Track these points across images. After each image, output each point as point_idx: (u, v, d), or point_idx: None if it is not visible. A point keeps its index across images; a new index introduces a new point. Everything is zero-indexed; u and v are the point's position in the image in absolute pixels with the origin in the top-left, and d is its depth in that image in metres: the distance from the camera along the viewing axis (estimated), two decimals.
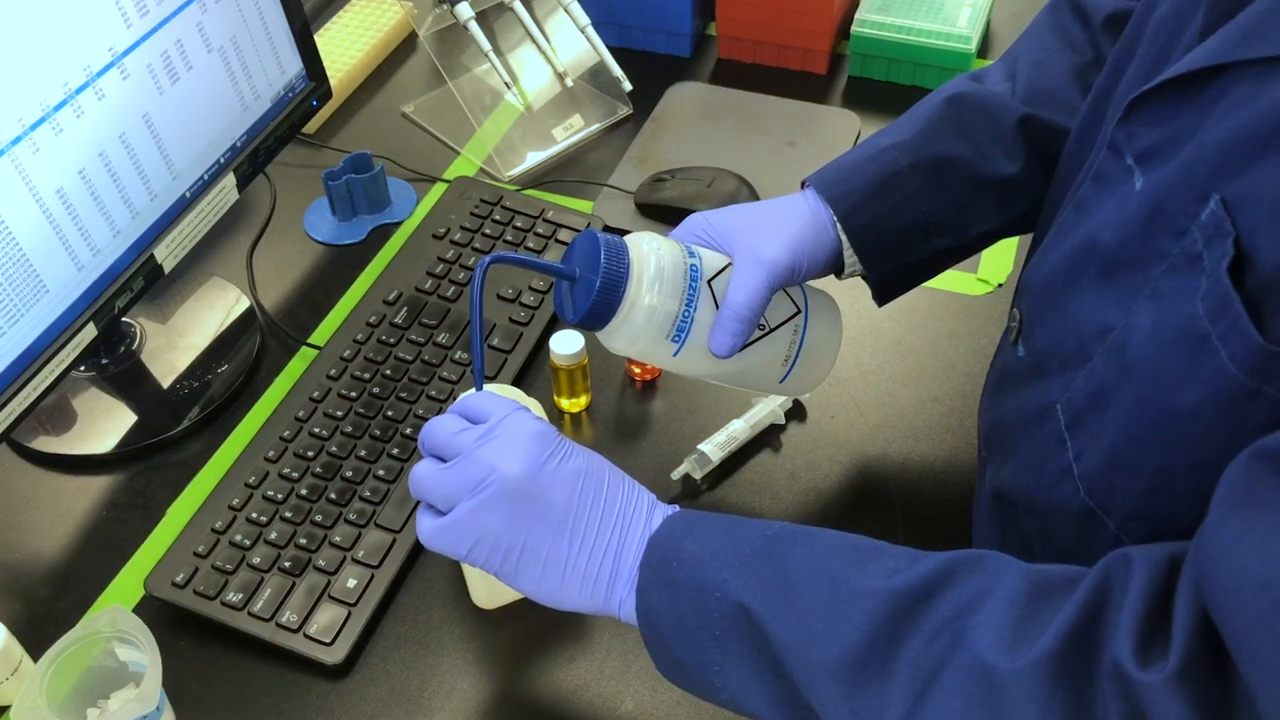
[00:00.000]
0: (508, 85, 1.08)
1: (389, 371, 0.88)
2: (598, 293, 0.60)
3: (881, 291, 0.76)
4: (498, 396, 0.60)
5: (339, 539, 0.77)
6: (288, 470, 0.81)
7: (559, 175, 1.10)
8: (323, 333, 0.95)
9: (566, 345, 0.83)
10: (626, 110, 1.16)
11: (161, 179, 0.85)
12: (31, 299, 0.75)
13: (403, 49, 1.28)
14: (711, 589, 0.55)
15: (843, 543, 0.56)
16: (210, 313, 0.97)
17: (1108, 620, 0.46)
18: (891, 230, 0.70)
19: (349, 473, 0.81)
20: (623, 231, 1.02)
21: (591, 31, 1.11)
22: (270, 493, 0.80)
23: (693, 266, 0.63)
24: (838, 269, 0.72)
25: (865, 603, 0.51)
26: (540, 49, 1.11)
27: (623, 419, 0.88)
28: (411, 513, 0.79)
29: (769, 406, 0.85)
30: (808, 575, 0.54)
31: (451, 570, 0.78)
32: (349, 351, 0.89)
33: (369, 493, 0.80)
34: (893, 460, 0.84)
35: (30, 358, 0.76)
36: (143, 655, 0.64)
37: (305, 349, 0.94)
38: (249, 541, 0.77)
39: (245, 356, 0.93)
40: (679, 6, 1.19)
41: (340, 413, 0.85)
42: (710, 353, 0.64)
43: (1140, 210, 0.51)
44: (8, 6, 0.69)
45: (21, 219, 0.73)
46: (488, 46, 1.06)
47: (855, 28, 1.16)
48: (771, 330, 0.67)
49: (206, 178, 0.90)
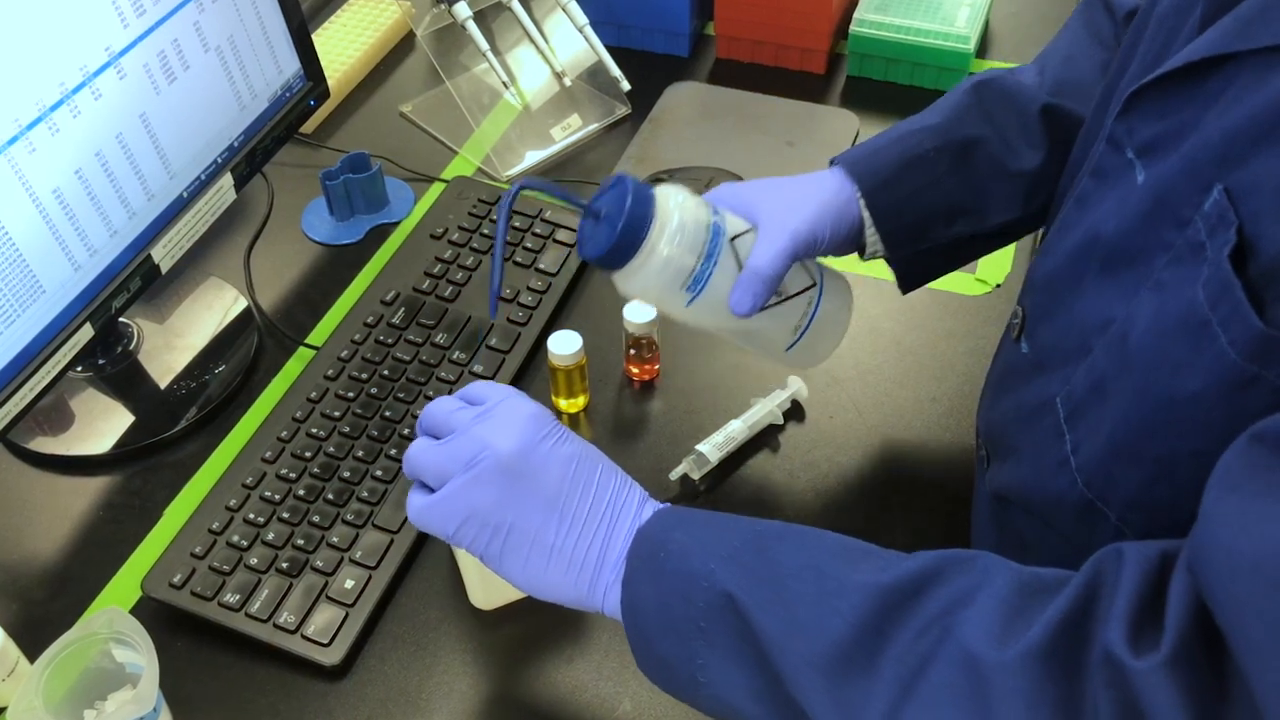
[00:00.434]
0: (506, 85, 1.08)
1: (386, 372, 0.88)
2: (618, 235, 0.62)
3: (904, 277, 0.77)
4: (497, 384, 0.61)
5: (336, 539, 0.77)
6: (285, 471, 0.81)
7: (557, 175, 1.10)
8: (320, 333, 0.95)
9: (565, 346, 0.83)
10: (625, 110, 1.16)
11: (158, 179, 0.85)
12: (28, 299, 0.75)
13: (400, 48, 1.28)
14: (698, 578, 0.54)
15: (834, 541, 0.55)
16: (207, 313, 0.97)
17: (1099, 611, 0.45)
18: (914, 212, 0.72)
19: (346, 473, 0.81)
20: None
21: (590, 31, 1.11)
22: (268, 493, 0.80)
23: (716, 225, 0.65)
24: (860, 248, 0.73)
25: (853, 596, 0.51)
26: (538, 48, 1.11)
27: (621, 419, 0.88)
28: None
29: (767, 407, 0.85)
30: (796, 569, 0.53)
31: (449, 571, 0.78)
32: (346, 352, 0.89)
33: (366, 493, 0.80)
34: (891, 461, 0.84)
35: (27, 358, 0.76)
36: (140, 656, 0.64)
37: (303, 349, 0.94)
38: (246, 542, 0.77)
39: (243, 357, 0.93)
40: (677, 6, 1.19)
41: (338, 413, 0.85)
42: (723, 309, 0.66)
43: (1142, 203, 0.52)
44: (5, 6, 0.68)
45: (18, 219, 0.72)
46: (486, 46, 1.06)
47: (854, 27, 1.16)
48: (787, 298, 0.69)
49: (204, 178, 0.90)
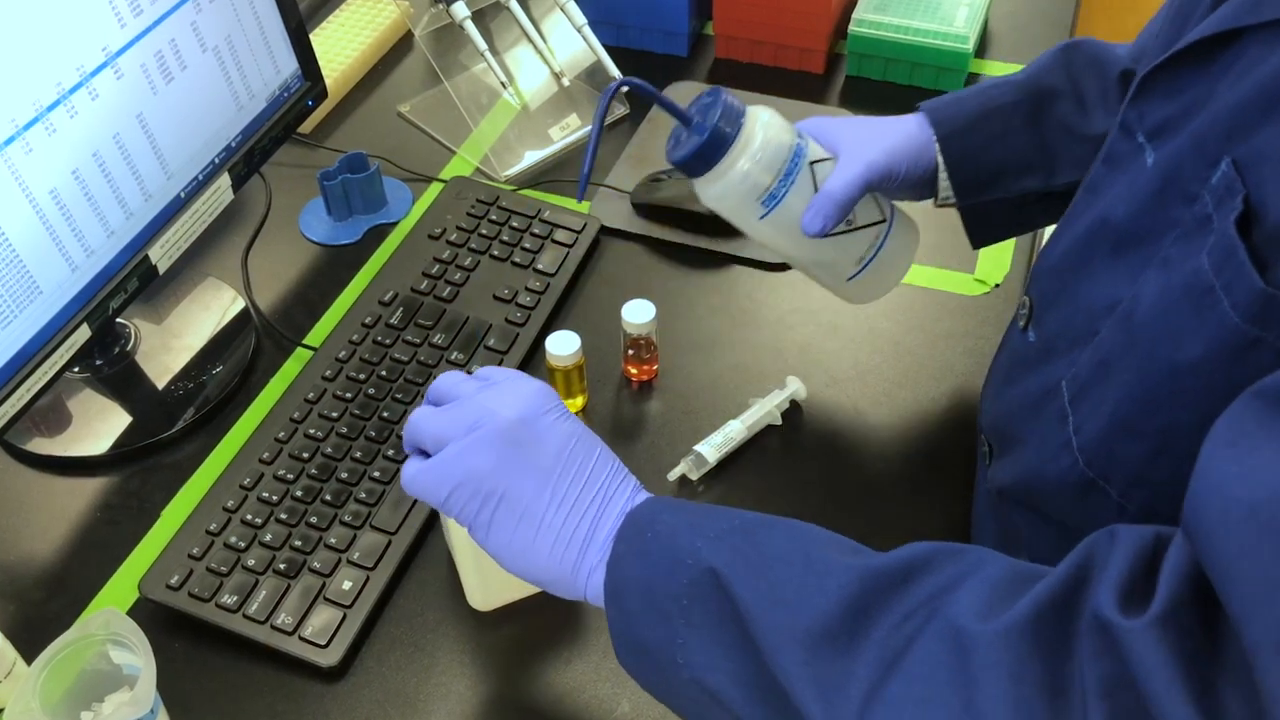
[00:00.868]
0: (504, 85, 1.08)
1: (384, 372, 0.88)
2: (702, 145, 0.68)
3: (973, 230, 0.80)
4: (508, 369, 0.62)
5: (334, 540, 0.77)
6: (283, 472, 0.81)
7: (555, 175, 1.10)
8: (318, 333, 0.95)
9: (563, 346, 0.83)
10: (623, 110, 1.16)
11: (156, 179, 0.84)
12: (25, 300, 0.75)
13: (399, 48, 1.27)
14: (683, 555, 0.53)
15: (825, 534, 0.55)
16: (205, 313, 0.97)
17: (1089, 585, 0.44)
18: (985, 162, 0.75)
19: (344, 474, 0.81)
20: (621, 233, 1.02)
21: (588, 31, 1.11)
22: (265, 494, 0.79)
23: (799, 147, 0.70)
24: (933, 193, 0.77)
25: (841, 576, 0.50)
26: (537, 48, 1.11)
27: (619, 420, 0.88)
28: (407, 515, 0.79)
29: (766, 408, 0.85)
30: (784, 552, 0.52)
31: (447, 572, 0.78)
32: (344, 352, 0.89)
33: (364, 494, 0.79)
34: (890, 461, 0.84)
35: (24, 359, 0.76)
36: (137, 658, 0.64)
37: (300, 350, 0.93)
38: (244, 543, 0.77)
39: (240, 357, 0.93)
40: (676, 6, 1.19)
41: (335, 414, 0.84)
42: (794, 228, 0.71)
43: (1151, 183, 0.52)
44: (2, 7, 0.68)
45: (15, 220, 0.72)
46: (484, 46, 1.06)
47: (852, 27, 1.16)
48: (856, 229, 0.73)
49: (201, 178, 0.89)
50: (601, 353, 0.92)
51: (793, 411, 0.87)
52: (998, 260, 0.98)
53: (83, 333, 0.80)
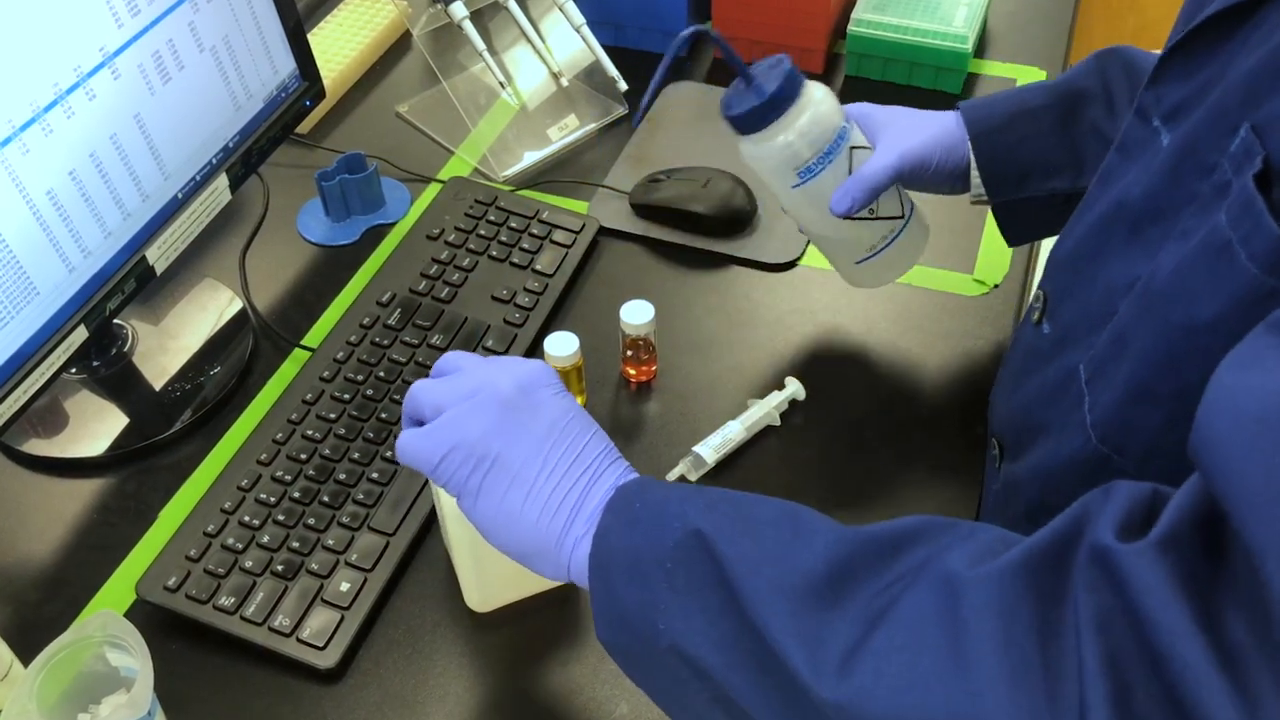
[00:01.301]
0: (502, 85, 1.08)
1: (382, 373, 0.87)
2: (758, 106, 0.72)
3: (1007, 228, 0.82)
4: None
5: (332, 542, 0.77)
6: (280, 473, 0.81)
7: (554, 175, 1.09)
8: (316, 334, 0.95)
9: (561, 347, 0.83)
10: (622, 110, 1.16)
11: (153, 180, 0.84)
12: (22, 301, 0.74)
13: (397, 48, 1.27)
14: (671, 519, 0.52)
15: (817, 512, 0.54)
16: (202, 314, 0.96)
17: (1087, 527, 0.43)
18: (1015, 161, 0.77)
19: (342, 475, 0.80)
20: (620, 233, 1.02)
21: (587, 31, 1.10)
22: (263, 495, 0.79)
23: (844, 130, 0.76)
24: (966, 188, 0.80)
25: (829, 536, 0.49)
26: (535, 48, 1.11)
27: (618, 421, 0.87)
28: (405, 516, 0.79)
29: (765, 409, 0.85)
30: (773, 518, 0.52)
31: (445, 573, 0.78)
32: (342, 353, 0.89)
33: (362, 495, 0.79)
34: (890, 462, 0.84)
35: (21, 360, 0.76)
36: (134, 660, 0.63)
37: (298, 351, 0.93)
38: (241, 545, 0.77)
39: (238, 358, 0.92)
40: (675, 6, 1.19)
41: (333, 415, 0.84)
42: (822, 203, 0.76)
43: (1168, 161, 0.52)
44: None
45: (11, 220, 0.72)
46: (482, 46, 1.05)
47: (851, 27, 1.16)
48: (877, 218, 0.79)
49: (199, 178, 0.89)
50: (600, 353, 0.92)
51: (791, 413, 0.87)
52: (997, 261, 0.98)
53: (80, 334, 0.80)
